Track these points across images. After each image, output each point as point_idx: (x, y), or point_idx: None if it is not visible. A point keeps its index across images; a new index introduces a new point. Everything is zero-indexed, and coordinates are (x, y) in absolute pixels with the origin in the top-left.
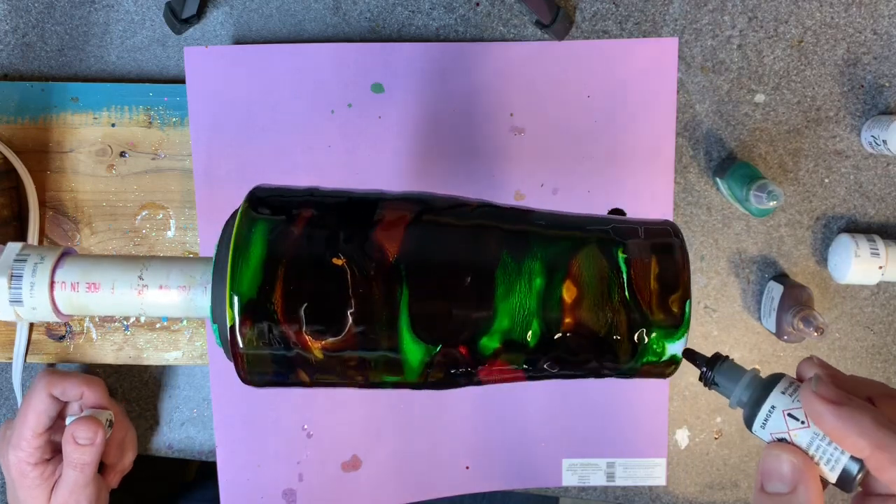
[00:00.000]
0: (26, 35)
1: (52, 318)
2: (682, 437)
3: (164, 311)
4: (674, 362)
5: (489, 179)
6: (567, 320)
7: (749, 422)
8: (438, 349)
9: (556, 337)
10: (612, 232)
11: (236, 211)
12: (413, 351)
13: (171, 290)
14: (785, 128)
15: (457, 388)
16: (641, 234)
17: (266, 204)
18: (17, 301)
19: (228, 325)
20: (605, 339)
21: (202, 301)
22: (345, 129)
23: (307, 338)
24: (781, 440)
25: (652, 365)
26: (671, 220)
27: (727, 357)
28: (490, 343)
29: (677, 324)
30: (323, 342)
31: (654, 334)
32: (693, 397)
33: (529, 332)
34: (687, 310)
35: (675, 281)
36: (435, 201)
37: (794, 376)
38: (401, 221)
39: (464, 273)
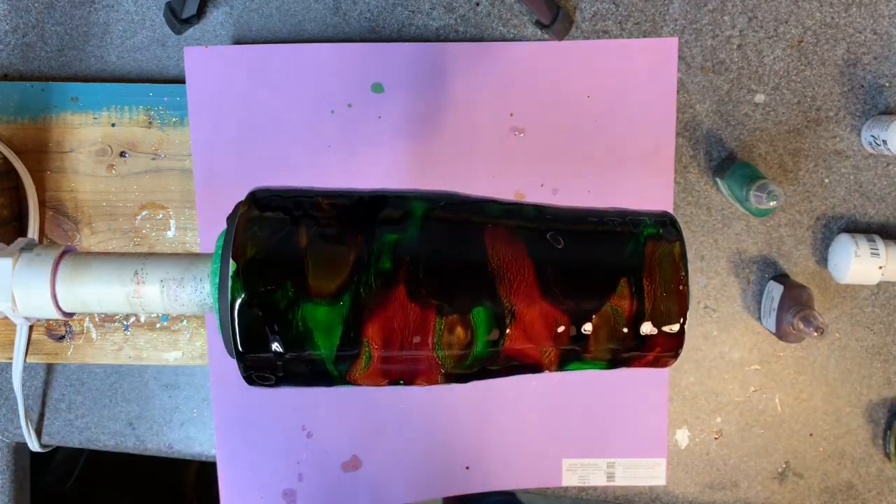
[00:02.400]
0: (26, 35)
1: (52, 308)
2: (682, 437)
3: (166, 271)
4: (673, 236)
5: (489, 179)
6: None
7: None
8: (443, 202)
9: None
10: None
11: (237, 206)
12: (419, 204)
13: (179, 257)
14: (785, 128)
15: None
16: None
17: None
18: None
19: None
20: (601, 212)
21: (206, 261)
22: (345, 129)
23: (321, 199)
24: None
25: (654, 241)
26: (670, 212)
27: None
28: (492, 209)
29: (664, 217)
30: (333, 200)
31: (643, 222)
32: (693, 397)
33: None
34: (672, 214)
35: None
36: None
37: None
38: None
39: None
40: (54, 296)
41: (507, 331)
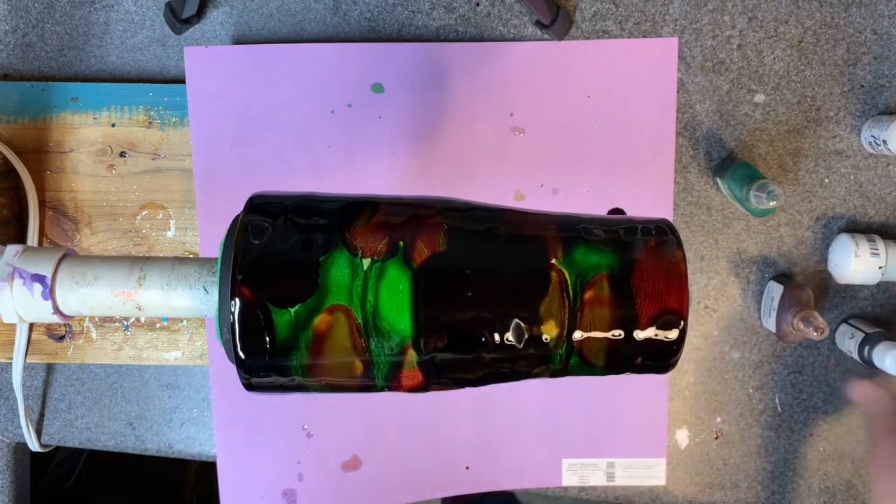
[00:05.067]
0: (26, 35)
1: (53, 313)
2: (682, 437)
3: (167, 277)
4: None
5: (489, 179)
6: None
7: None
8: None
9: None
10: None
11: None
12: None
13: (181, 262)
14: (785, 128)
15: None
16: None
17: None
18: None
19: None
20: (597, 219)
21: (207, 267)
22: (345, 129)
23: (319, 204)
24: None
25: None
26: (669, 220)
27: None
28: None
29: (662, 224)
30: (330, 205)
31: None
32: (693, 397)
33: None
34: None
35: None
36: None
37: None
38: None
39: None
40: (54, 301)
41: (509, 205)
